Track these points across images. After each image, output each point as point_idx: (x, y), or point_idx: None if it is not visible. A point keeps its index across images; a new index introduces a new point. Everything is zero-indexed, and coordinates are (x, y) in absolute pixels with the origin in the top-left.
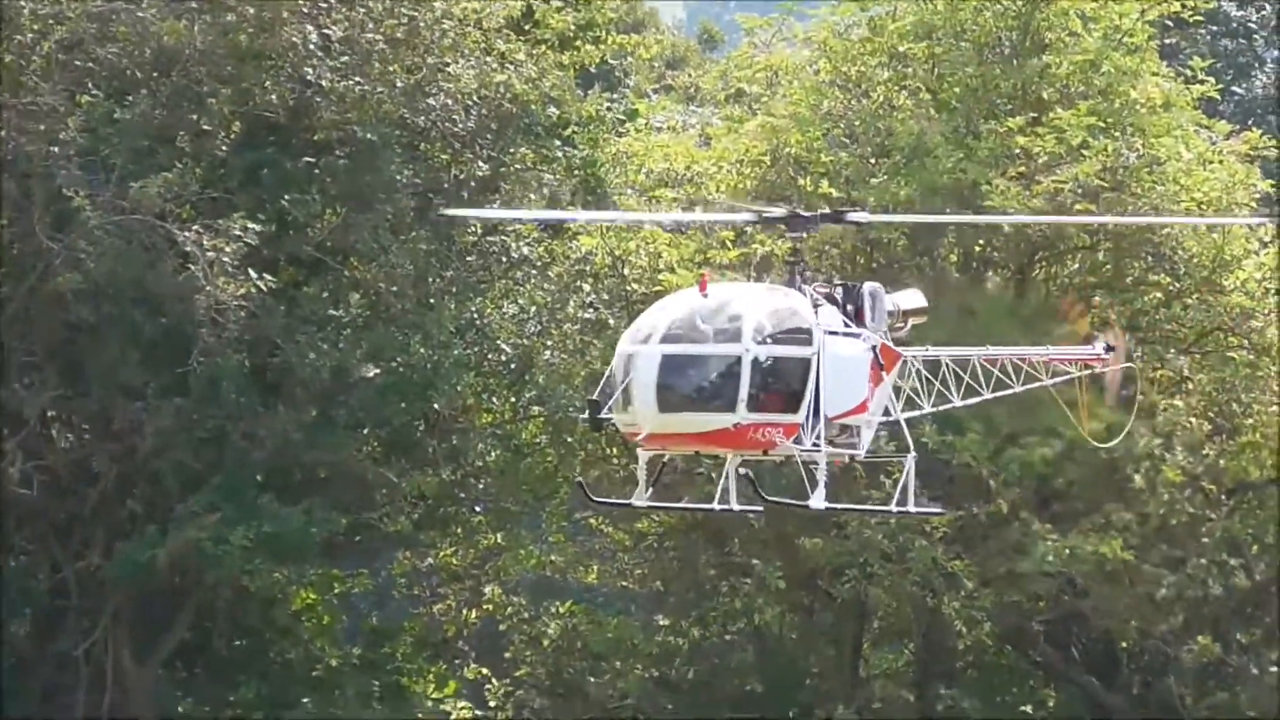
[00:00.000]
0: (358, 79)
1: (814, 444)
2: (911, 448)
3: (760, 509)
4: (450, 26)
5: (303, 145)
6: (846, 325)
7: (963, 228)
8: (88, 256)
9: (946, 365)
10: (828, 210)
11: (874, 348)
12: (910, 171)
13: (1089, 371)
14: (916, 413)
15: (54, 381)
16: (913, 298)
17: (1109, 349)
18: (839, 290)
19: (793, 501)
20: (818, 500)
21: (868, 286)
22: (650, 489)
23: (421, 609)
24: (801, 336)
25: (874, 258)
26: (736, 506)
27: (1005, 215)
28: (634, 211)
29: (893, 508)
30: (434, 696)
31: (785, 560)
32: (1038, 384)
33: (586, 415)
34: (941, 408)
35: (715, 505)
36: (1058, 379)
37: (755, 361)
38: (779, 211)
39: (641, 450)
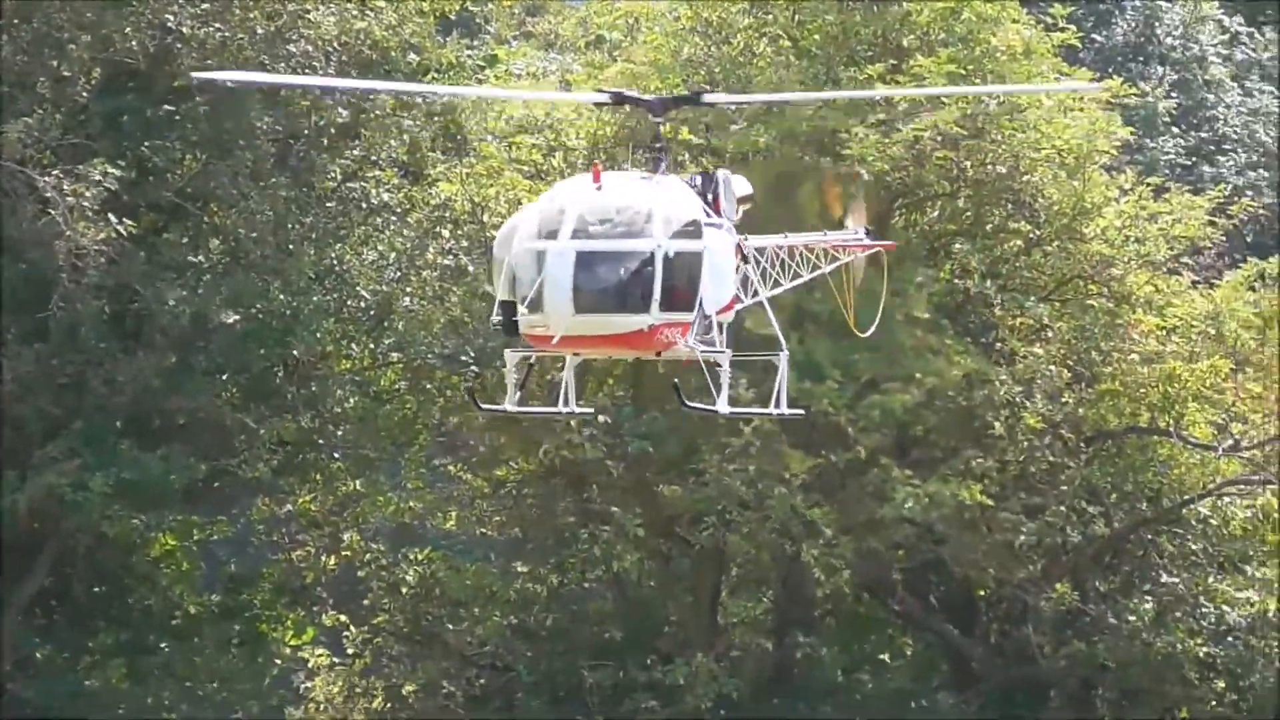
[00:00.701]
0: (218, 25)
1: (697, 343)
2: (784, 345)
3: (591, 411)
4: None
5: (163, 91)
6: (707, 215)
7: (823, 175)
8: None
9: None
10: (686, 94)
11: (737, 241)
12: (770, 118)
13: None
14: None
15: None
16: (742, 184)
17: (869, 232)
18: (698, 179)
19: (703, 407)
20: (723, 404)
21: (721, 174)
22: (519, 392)
23: (280, 556)
24: (695, 230)
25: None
26: (577, 410)
27: (871, 92)
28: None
29: (771, 410)
30: (292, 643)
31: (644, 508)
32: (829, 267)
33: (498, 319)
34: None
35: (560, 409)
36: (837, 263)
37: (666, 258)
38: (639, 95)
39: (509, 352)
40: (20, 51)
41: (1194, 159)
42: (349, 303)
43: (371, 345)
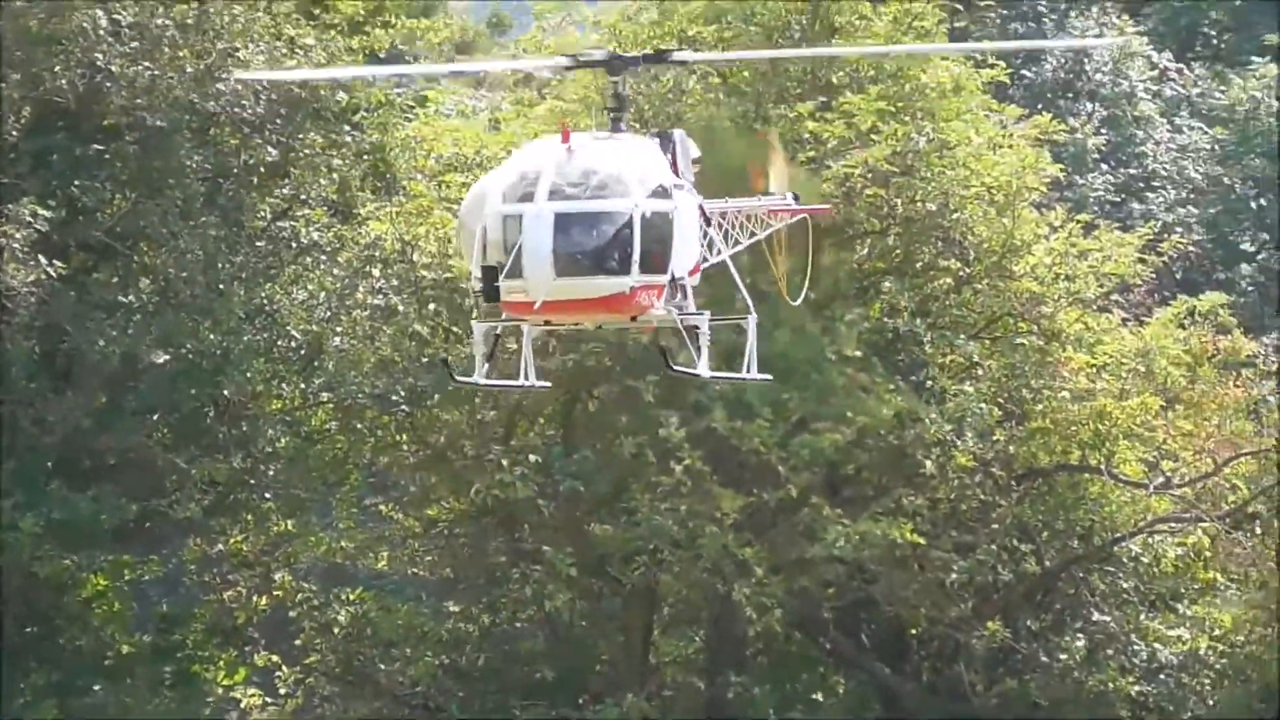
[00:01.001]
0: (147, 64)
1: (671, 307)
2: (751, 307)
3: (549, 385)
4: (240, 12)
5: (93, 131)
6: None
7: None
8: None
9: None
10: (650, 52)
11: (699, 202)
12: (702, 152)
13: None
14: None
15: None
16: (693, 147)
17: (796, 198)
18: (656, 140)
19: (688, 371)
20: (704, 368)
21: (677, 134)
22: (487, 364)
23: (212, 596)
24: (665, 190)
25: None
26: (536, 383)
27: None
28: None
29: (744, 374)
30: (224, 683)
31: (576, 547)
32: (766, 233)
33: (479, 288)
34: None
35: (520, 382)
36: (770, 229)
37: (644, 219)
38: (599, 55)
39: (476, 324)
40: None
41: (1124, 196)
42: (279, 342)
43: (302, 385)
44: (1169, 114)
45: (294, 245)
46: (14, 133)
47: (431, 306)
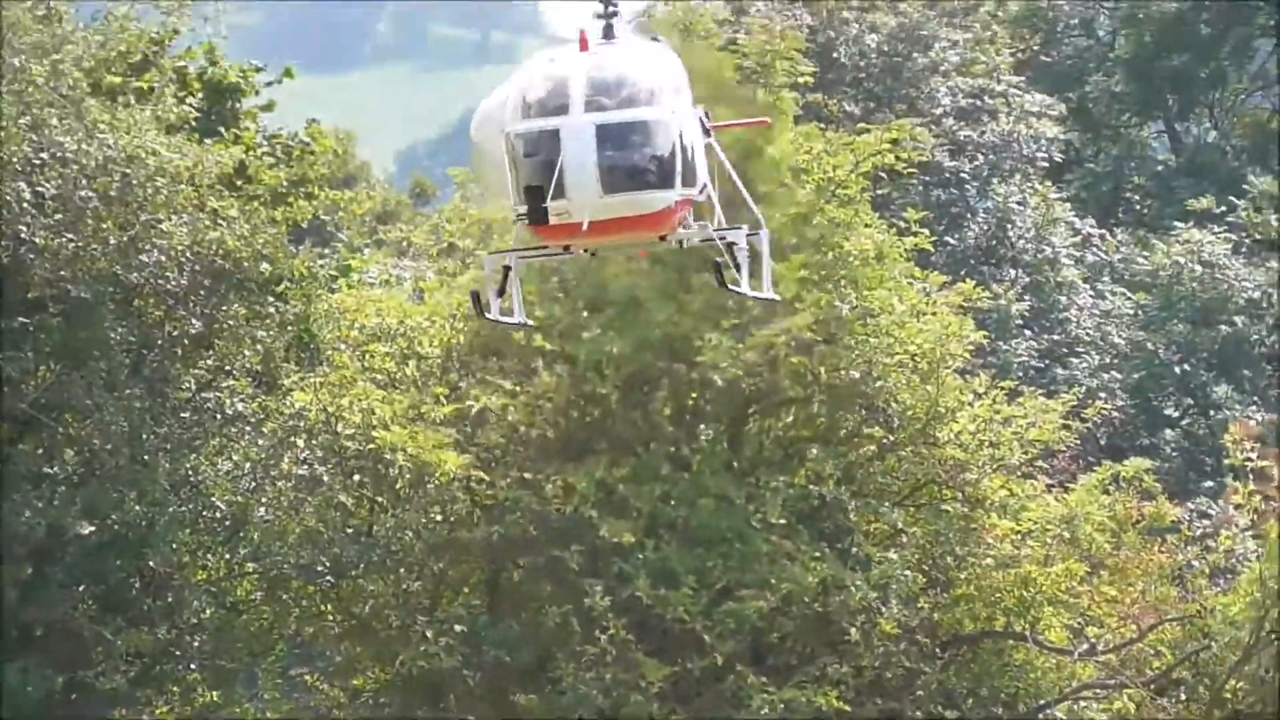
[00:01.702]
0: (71, 236)
1: (704, 224)
2: (764, 223)
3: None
4: (163, 183)
5: (17, 303)
6: None
7: (677, 380)
8: None
9: None
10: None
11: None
12: (624, 324)
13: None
14: None
15: None
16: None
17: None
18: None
19: (738, 289)
20: (746, 285)
21: (663, 42)
22: (500, 299)
23: None
24: (689, 97)
25: (588, 411)
26: (528, 321)
27: None
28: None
29: (766, 292)
30: None
31: (501, 717)
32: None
33: (521, 210)
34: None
35: (517, 319)
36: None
37: (680, 128)
38: None
39: (489, 258)
40: None
41: (1047, 361)
42: (204, 513)
43: (227, 555)
44: (1092, 279)
45: (218, 416)
46: None
47: (356, 477)
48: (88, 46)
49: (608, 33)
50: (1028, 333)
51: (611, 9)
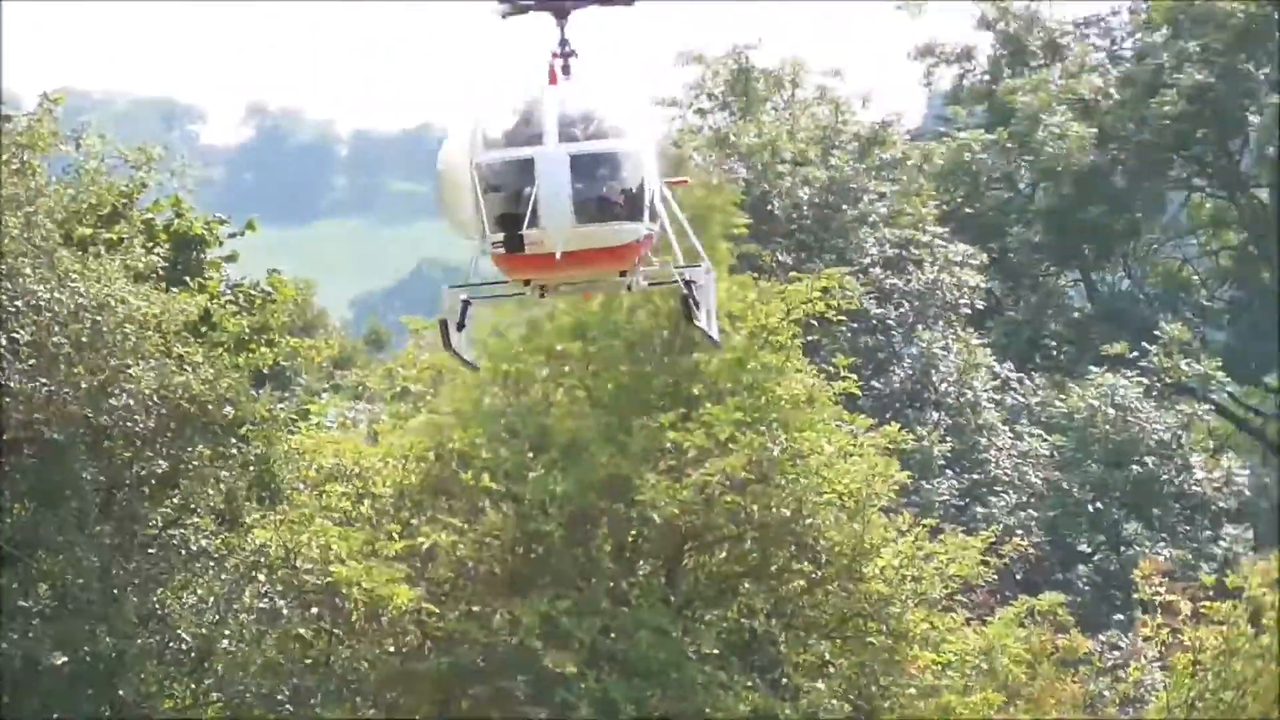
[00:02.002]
0: (44, 380)
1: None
2: (707, 260)
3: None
4: (132, 330)
5: None
6: None
7: (616, 519)
8: None
9: None
10: None
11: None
12: (567, 465)
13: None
14: None
15: None
16: None
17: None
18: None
19: (703, 327)
20: (704, 321)
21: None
22: (459, 333)
23: None
24: (653, 135)
25: (533, 548)
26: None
27: None
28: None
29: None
30: None
31: None
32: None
33: (497, 238)
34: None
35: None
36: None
37: (649, 160)
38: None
39: (449, 290)
40: None
41: (967, 500)
42: (171, 645)
43: (193, 686)
44: (1011, 421)
45: (184, 553)
46: None
47: (314, 610)
48: (60, 199)
49: (565, 71)
50: (949, 472)
51: (568, 50)
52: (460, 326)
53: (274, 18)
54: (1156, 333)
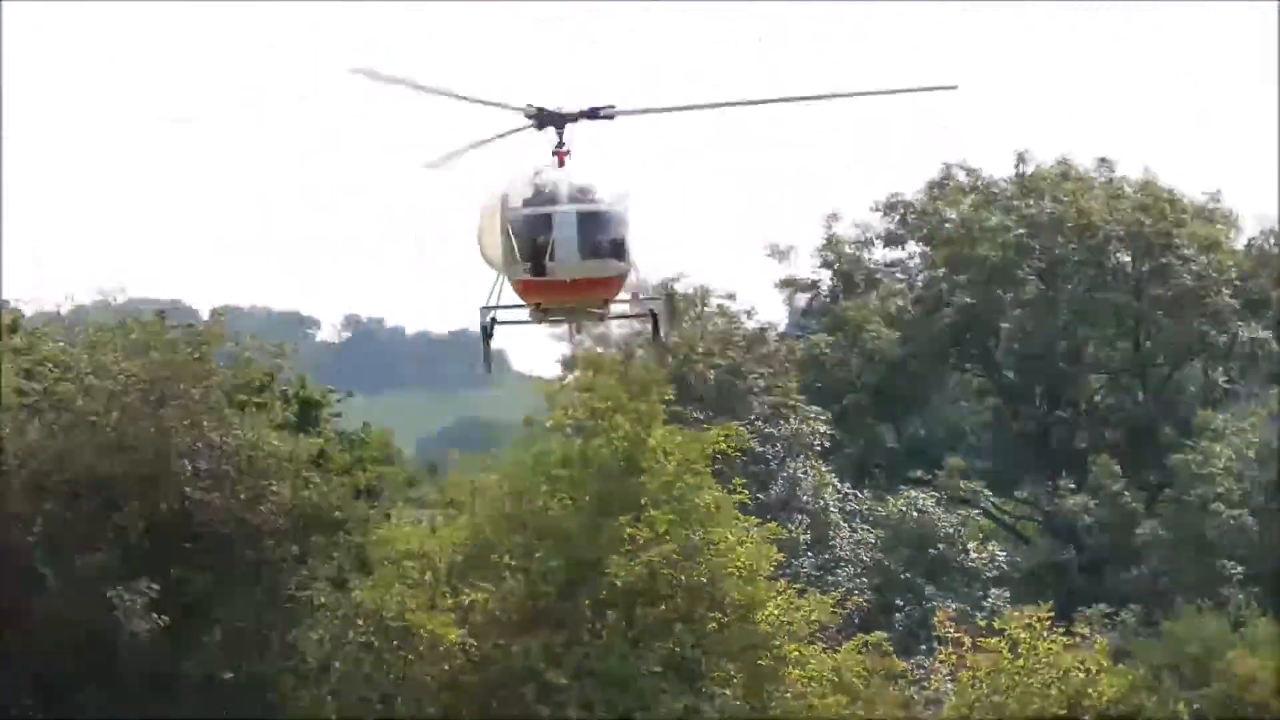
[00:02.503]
0: (217, 495)
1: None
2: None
3: None
4: (273, 462)
5: (180, 538)
6: None
7: (593, 585)
8: None
9: None
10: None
11: None
12: (560, 550)
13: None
14: None
15: None
16: None
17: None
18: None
19: (664, 339)
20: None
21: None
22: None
23: None
24: (630, 207)
25: (538, 604)
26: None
27: None
28: None
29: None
30: None
31: None
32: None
33: (527, 266)
34: None
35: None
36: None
37: (627, 221)
38: (530, 109)
39: (482, 309)
40: None
41: (822, 571)
42: (299, 666)
43: (314, 693)
44: (849, 521)
45: (309, 605)
46: None
47: (395, 643)
48: (227, 378)
49: (561, 162)
50: (810, 554)
51: (563, 148)
52: (490, 336)
53: (365, 250)
54: (944, 463)
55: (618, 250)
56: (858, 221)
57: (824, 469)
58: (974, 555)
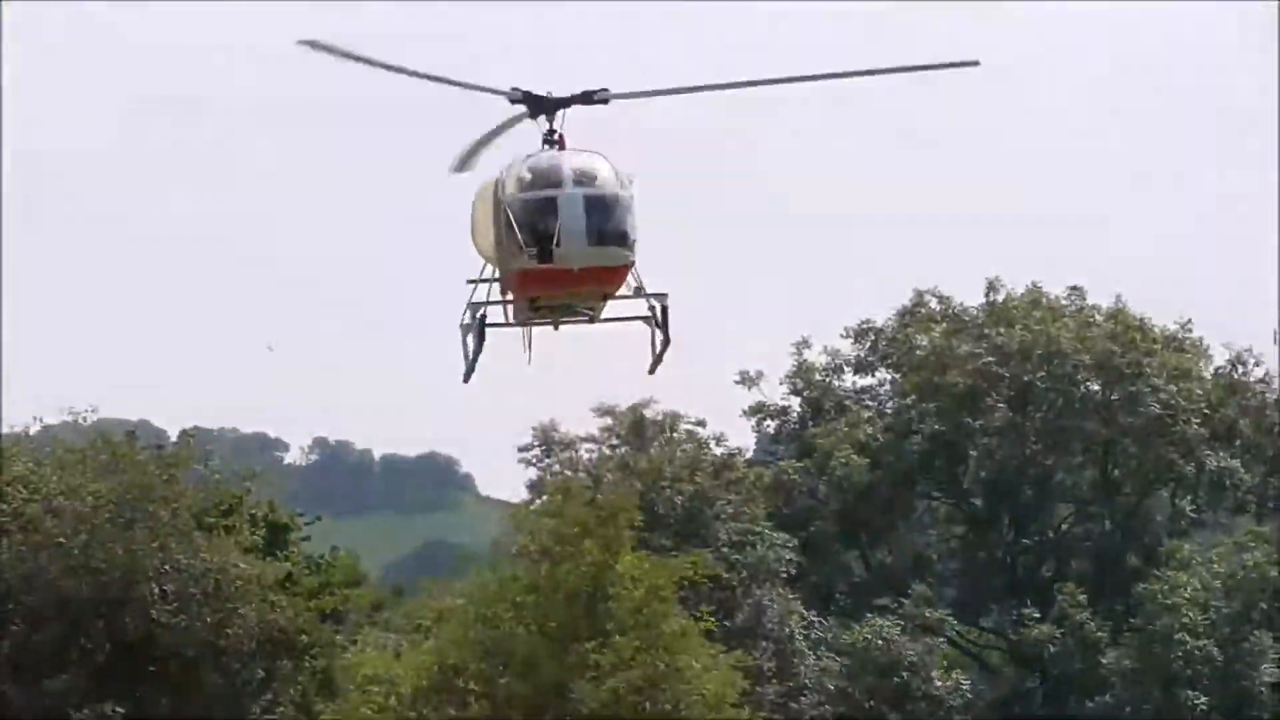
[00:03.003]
0: (183, 618)
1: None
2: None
3: None
4: (241, 585)
5: (144, 660)
6: None
7: (559, 710)
8: None
9: None
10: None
11: None
12: (526, 674)
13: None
14: None
15: None
16: None
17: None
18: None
19: (662, 337)
20: (658, 339)
21: None
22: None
23: None
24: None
25: None
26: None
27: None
28: None
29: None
30: None
31: None
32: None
33: (533, 251)
34: None
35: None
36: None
37: (632, 210)
38: (517, 94)
39: (472, 306)
40: None
41: (785, 699)
42: None
43: None
44: (814, 648)
45: None
46: None
47: None
48: (195, 499)
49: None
50: (775, 682)
51: (555, 134)
52: (481, 338)
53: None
54: (910, 591)
55: (625, 238)
56: (828, 348)
57: (790, 596)
58: (939, 684)
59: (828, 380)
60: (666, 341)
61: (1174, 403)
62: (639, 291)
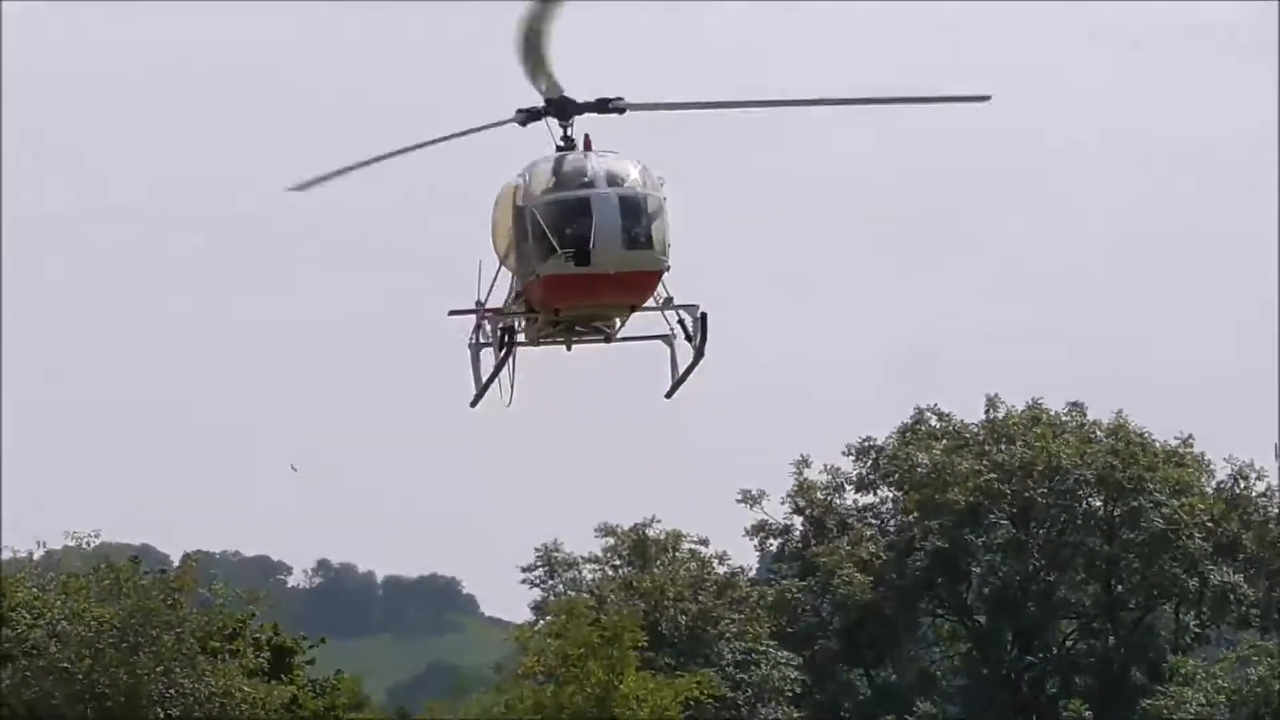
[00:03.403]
0: None
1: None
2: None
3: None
4: (246, 709)
5: None
6: None
7: None
8: None
9: None
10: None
11: None
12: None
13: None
14: None
15: None
16: None
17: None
18: None
19: (696, 346)
20: (695, 351)
21: None
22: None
23: None
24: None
25: None
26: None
27: None
28: None
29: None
30: None
31: None
32: None
33: (569, 252)
34: None
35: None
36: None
37: (664, 215)
38: (542, 105)
39: (491, 319)
40: None
41: None
42: None
43: None
44: None
45: None
46: None
47: None
48: (199, 623)
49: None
50: None
51: (570, 141)
52: (509, 351)
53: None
54: (915, 708)
55: (661, 242)
56: (828, 466)
57: (795, 714)
58: None
59: (829, 499)
60: (700, 355)
61: (1176, 517)
62: (668, 303)
